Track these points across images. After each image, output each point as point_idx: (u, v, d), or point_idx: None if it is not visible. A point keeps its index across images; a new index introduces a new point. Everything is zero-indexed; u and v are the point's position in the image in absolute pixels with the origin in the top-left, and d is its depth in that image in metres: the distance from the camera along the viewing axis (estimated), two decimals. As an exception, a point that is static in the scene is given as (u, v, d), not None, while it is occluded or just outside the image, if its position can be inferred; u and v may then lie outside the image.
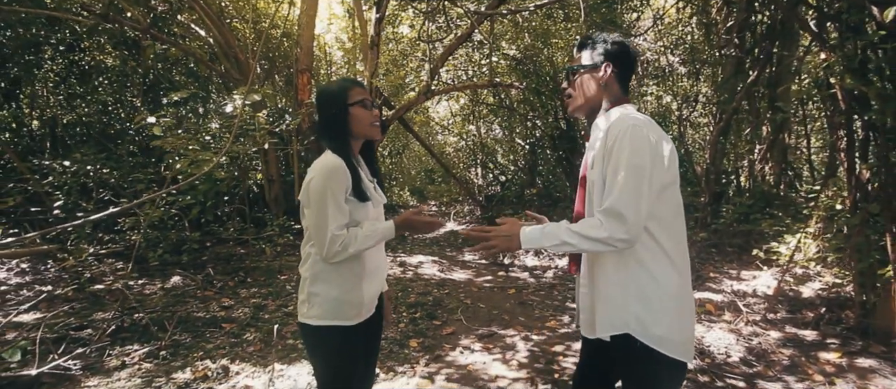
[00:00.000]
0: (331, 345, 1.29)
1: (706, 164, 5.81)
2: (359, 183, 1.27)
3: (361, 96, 1.31)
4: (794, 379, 2.37)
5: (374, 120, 1.32)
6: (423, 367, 2.67)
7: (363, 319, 1.33)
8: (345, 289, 1.28)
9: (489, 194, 9.85)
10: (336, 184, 1.22)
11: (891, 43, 2.13)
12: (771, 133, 5.07)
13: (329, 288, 1.27)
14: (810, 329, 2.81)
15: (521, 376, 2.56)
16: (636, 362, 1.09)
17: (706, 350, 2.77)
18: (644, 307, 1.06)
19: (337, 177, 1.22)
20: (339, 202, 1.22)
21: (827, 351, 2.54)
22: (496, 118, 10.11)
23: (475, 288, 4.49)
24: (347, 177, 1.24)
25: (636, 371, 1.10)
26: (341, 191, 1.23)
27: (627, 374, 1.14)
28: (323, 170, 1.23)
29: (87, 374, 2.24)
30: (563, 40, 6.98)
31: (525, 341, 3.07)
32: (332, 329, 1.27)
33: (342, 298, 1.27)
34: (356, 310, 1.30)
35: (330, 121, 1.30)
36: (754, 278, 4.05)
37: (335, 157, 1.25)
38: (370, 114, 1.31)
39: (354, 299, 1.29)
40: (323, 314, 1.27)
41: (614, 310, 1.09)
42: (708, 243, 5.14)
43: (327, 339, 1.28)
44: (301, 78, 6.41)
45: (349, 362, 1.31)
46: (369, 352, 1.44)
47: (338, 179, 1.22)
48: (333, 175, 1.22)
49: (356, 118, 1.29)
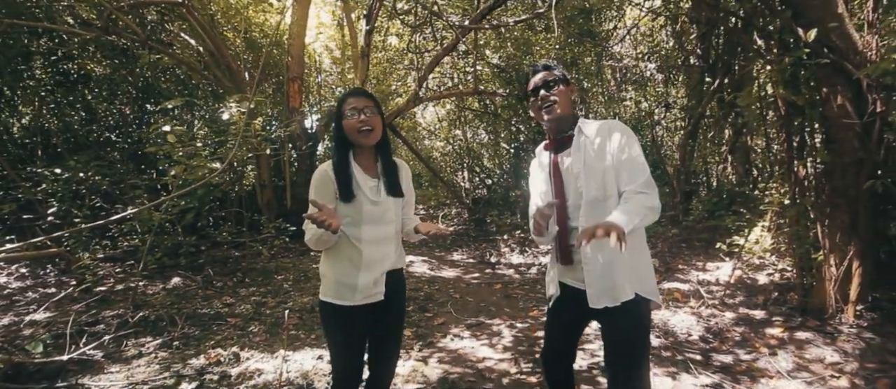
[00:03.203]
0: (331, 318, 1.52)
1: (676, 165, 6.24)
2: (345, 185, 1.45)
3: (352, 104, 1.45)
4: (743, 352, 2.70)
5: (359, 126, 1.44)
6: (417, 352, 2.92)
7: (361, 302, 1.51)
8: (342, 274, 1.50)
9: (476, 197, 10.13)
10: (314, 190, 1.45)
11: (814, 59, 2.50)
12: (733, 136, 5.51)
13: (330, 272, 1.51)
14: (760, 309, 3.16)
15: (506, 357, 2.84)
16: (641, 315, 1.34)
17: (671, 330, 3.10)
18: (646, 269, 1.38)
19: (316, 183, 1.46)
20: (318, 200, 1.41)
21: (772, 327, 2.89)
22: (482, 123, 10.43)
23: (463, 284, 4.76)
24: (331, 182, 1.45)
25: (641, 322, 1.35)
26: (321, 195, 1.44)
27: (632, 326, 1.33)
28: (313, 176, 1.48)
29: (109, 362, 2.43)
30: (544, 49, 7.35)
31: (510, 328, 3.35)
32: (333, 305, 1.50)
33: (340, 280, 1.49)
34: (351, 293, 1.49)
35: (334, 129, 1.54)
36: (718, 269, 4.42)
37: (324, 165, 1.49)
38: (354, 121, 1.44)
39: (349, 283, 1.49)
40: (326, 292, 1.52)
41: (638, 273, 1.35)
42: (678, 238, 5.52)
43: (328, 313, 1.52)
44: (292, 85, 6.62)
45: (345, 334, 1.53)
46: (384, 333, 1.62)
47: (316, 184, 1.45)
48: (315, 180, 1.46)
49: (346, 126, 1.46)
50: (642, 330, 1.35)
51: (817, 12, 2.48)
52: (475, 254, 6.40)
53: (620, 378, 1.32)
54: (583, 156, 1.39)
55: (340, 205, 1.47)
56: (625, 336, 1.34)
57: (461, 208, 9.82)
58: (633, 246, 1.31)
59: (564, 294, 1.49)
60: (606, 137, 1.38)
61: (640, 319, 1.34)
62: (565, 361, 1.60)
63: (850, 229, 2.59)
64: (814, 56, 2.48)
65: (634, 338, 1.33)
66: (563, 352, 1.59)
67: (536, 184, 1.57)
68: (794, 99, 2.61)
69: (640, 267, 1.36)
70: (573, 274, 1.44)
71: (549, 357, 1.61)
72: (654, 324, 3.21)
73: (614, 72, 8.95)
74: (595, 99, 8.78)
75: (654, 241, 5.57)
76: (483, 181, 11.19)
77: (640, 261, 1.37)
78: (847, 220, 2.59)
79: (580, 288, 1.40)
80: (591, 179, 1.36)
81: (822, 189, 2.69)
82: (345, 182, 1.46)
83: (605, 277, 1.34)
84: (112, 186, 5.70)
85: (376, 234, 1.51)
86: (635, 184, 1.31)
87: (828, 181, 2.65)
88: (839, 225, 2.62)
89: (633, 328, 1.33)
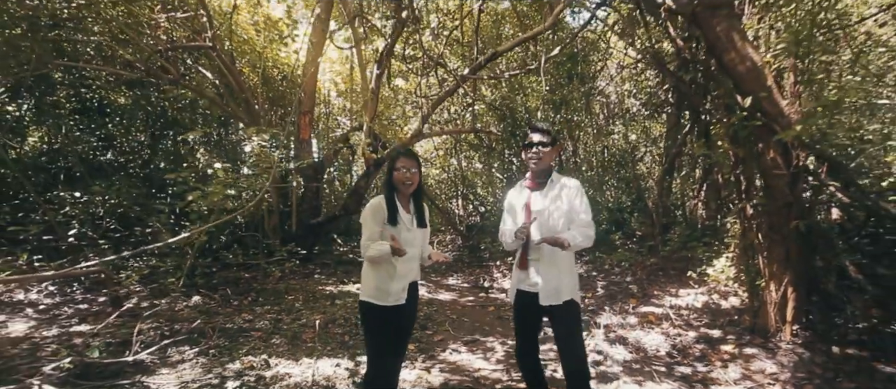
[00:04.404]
0: (369, 313, 2.04)
1: (655, 199, 6.81)
2: (392, 214, 2.04)
3: (402, 163, 2.07)
4: (701, 365, 3.17)
5: (405, 180, 2.06)
6: (421, 363, 3.34)
7: (393, 304, 2.04)
8: (381, 281, 2.03)
9: (470, 224, 10.60)
10: (370, 215, 2.03)
11: (751, 120, 3.08)
12: (703, 174, 6.11)
13: (371, 279, 2.05)
14: (718, 330, 3.64)
15: (499, 368, 3.26)
16: (576, 310, 2.03)
17: (642, 347, 3.55)
18: (575, 280, 2.08)
19: (372, 211, 2.04)
20: (370, 225, 2.02)
21: (726, 344, 3.36)
22: (476, 153, 11.04)
23: (459, 307, 5.18)
24: (383, 211, 2.03)
25: (575, 314, 2.03)
26: (376, 219, 2.02)
27: (568, 319, 2.01)
28: (367, 206, 2.07)
29: (158, 365, 2.81)
30: (535, 91, 8.02)
31: (502, 345, 3.78)
32: (371, 304, 2.02)
33: (379, 286, 2.03)
34: (386, 296, 2.03)
35: (386, 175, 2.14)
36: (689, 295, 4.91)
37: (378, 198, 2.08)
38: (401, 175, 2.06)
39: (385, 288, 2.03)
40: (366, 294, 2.05)
41: (572, 284, 2.03)
42: (656, 266, 6.02)
43: (367, 309, 2.04)
44: (303, 119, 7.16)
45: (380, 331, 2.03)
46: (401, 331, 2.15)
47: (373, 212, 2.03)
48: (371, 209, 2.04)
49: (396, 176, 2.08)
50: (576, 318, 2.04)
51: (752, 84, 3.08)
52: (469, 279, 6.82)
53: (568, 346, 2.01)
54: (550, 199, 2.06)
55: (388, 229, 2.02)
56: (566, 322, 2.03)
57: (455, 234, 10.26)
58: (569, 265, 2.05)
59: (522, 300, 2.11)
60: (568, 191, 2.05)
61: (574, 311, 2.04)
62: (532, 353, 2.18)
63: (785, 261, 3.11)
64: (750, 118, 3.06)
65: (572, 322, 2.03)
66: (529, 343, 2.18)
67: (512, 210, 2.19)
68: (737, 151, 3.18)
69: (572, 280, 2.06)
70: (528, 281, 2.07)
71: (520, 350, 2.21)
72: (627, 341, 3.67)
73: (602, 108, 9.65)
74: (584, 131, 9.42)
75: (634, 269, 6.07)
76: (476, 208, 11.69)
77: (573, 276, 2.07)
78: (782, 253, 3.12)
79: (533, 292, 2.05)
80: (550, 215, 2.04)
81: (762, 226, 3.23)
82: (393, 211, 2.04)
83: (549, 283, 2.02)
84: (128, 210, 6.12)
85: (408, 254, 2.04)
86: (581, 222, 2.02)
87: (766, 220, 3.20)
88: (776, 258, 3.14)
89: (571, 317, 2.03)
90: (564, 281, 2.01)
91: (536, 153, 2.06)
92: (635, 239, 7.17)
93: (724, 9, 3.10)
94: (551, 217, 2.02)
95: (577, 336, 2.03)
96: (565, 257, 2.01)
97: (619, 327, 4.02)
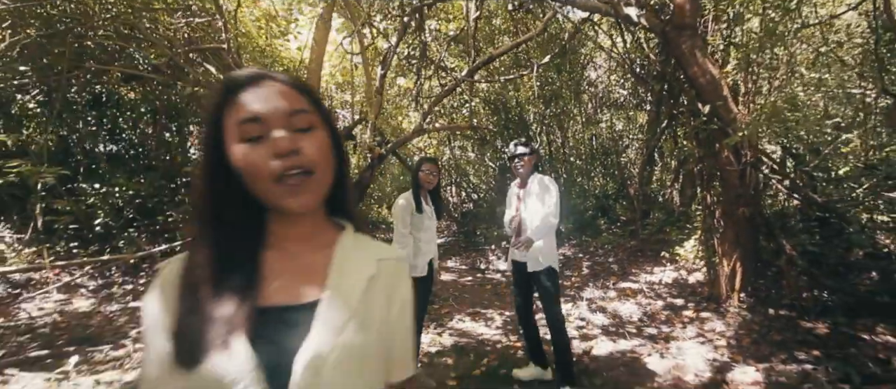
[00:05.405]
0: None
1: (636, 187, 7.47)
2: (418, 205, 2.63)
3: (427, 167, 2.67)
4: (665, 327, 3.83)
5: (428, 180, 2.67)
6: (433, 330, 3.95)
7: (417, 276, 2.62)
8: (408, 256, 2.60)
9: (464, 211, 11.20)
10: (400, 209, 2.62)
11: (709, 125, 3.69)
12: (678, 164, 6.78)
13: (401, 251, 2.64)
14: (682, 299, 4.32)
15: (499, 333, 3.89)
16: (554, 276, 2.65)
17: (618, 314, 4.21)
18: (553, 251, 2.63)
19: (402, 204, 2.63)
20: (402, 215, 2.60)
21: (687, 310, 4.03)
22: (469, 143, 11.58)
23: (460, 285, 5.80)
24: (411, 204, 2.62)
25: (552, 276, 2.65)
26: (406, 211, 2.61)
27: (547, 283, 2.63)
28: (398, 199, 2.67)
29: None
30: (526, 86, 8.55)
31: (500, 315, 4.41)
32: None
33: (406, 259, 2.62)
34: (412, 269, 2.59)
35: (412, 174, 2.72)
36: (662, 272, 5.60)
37: (407, 194, 2.67)
38: (425, 176, 2.67)
39: (411, 262, 2.60)
40: None
41: (550, 254, 2.64)
42: (635, 248, 6.71)
43: None
44: (309, 113, 7.58)
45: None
46: (422, 300, 2.74)
47: (402, 205, 2.63)
48: (403, 203, 2.63)
49: (421, 177, 2.68)
50: (553, 280, 2.67)
51: (711, 94, 3.67)
52: (467, 262, 7.45)
53: (547, 304, 2.65)
54: (531, 194, 2.72)
55: (415, 217, 2.62)
56: (545, 283, 2.65)
57: (449, 221, 10.85)
58: (548, 240, 2.67)
59: (516, 267, 2.80)
60: (542, 187, 2.67)
61: (551, 275, 2.66)
62: (528, 307, 2.83)
63: (735, 241, 3.76)
64: (709, 122, 3.67)
65: (550, 284, 2.65)
66: (525, 300, 2.83)
67: (511, 204, 2.87)
68: (699, 149, 3.80)
69: (551, 251, 2.68)
70: (519, 254, 2.71)
71: (519, 307, 2.86)
72: (606, 310, 4.33)
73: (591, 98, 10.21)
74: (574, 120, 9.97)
75: (617, 251, 6.75)
76: (469, 196, 12.27)
77: (552, 249, 2.69)
78: (733, 235, 3.77)
79: (522, 262, 2.71)
80: (533, 207, 2.69)
81: (718, 212, 3.88)
82: (418, 203, 2.64)
83: (532, 253, 2.65)
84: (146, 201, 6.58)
85: (428, 237, 2.67)
86: (546, 211, 2.63)
87: (721, 207, 3.84)
88: (728, 238, 3.79)
89: (549, 279, 2.65)
90: (544, 252, 2.63)
91: (520, 163, 2.74)
92: (619, 224, 7.85)
93: (688, 30, 3.67)
94: (533, 209, 2.69)
95: (554, 296, 2.66)
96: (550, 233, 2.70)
97: (600, 299, 4.68)
